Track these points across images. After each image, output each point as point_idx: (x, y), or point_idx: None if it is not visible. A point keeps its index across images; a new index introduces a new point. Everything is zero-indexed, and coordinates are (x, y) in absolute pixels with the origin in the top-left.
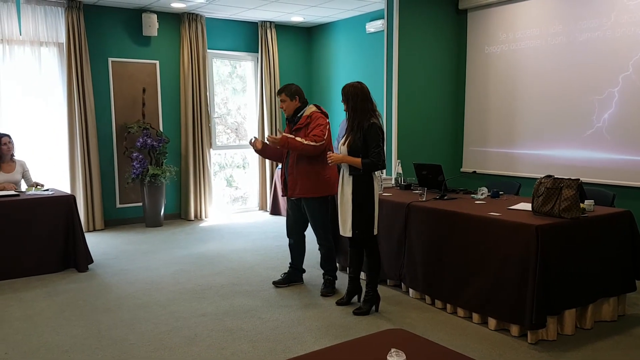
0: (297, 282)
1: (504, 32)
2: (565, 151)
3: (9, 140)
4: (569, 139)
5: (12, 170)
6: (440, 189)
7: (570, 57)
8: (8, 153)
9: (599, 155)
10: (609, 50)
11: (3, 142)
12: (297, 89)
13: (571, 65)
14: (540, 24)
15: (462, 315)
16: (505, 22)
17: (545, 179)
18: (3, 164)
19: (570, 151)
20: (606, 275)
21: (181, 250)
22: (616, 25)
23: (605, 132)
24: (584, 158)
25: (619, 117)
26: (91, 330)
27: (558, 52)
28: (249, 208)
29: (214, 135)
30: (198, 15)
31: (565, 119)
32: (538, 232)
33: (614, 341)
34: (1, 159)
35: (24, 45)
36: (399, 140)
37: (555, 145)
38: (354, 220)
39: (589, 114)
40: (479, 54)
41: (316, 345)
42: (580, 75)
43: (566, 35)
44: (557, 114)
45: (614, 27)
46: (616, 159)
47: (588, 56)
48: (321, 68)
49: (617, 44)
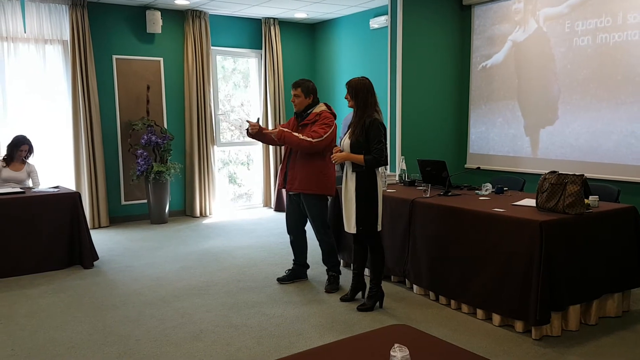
0: (301, 278)
1: (508, 27)
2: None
3: (27, 149)
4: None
5: (19, 169)
6: (444, 185)
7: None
8: (20, 158)
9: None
10: (611, 52)
11: (21, 149)
12: (313, 87)
13: (579, 62)
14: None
15: (466, 311)
16: (510, 17)
17: (549, 175)
18: (13, 163)
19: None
20: (611, 271)
21: (186, 247)
22: (622, 26)
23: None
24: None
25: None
26: (97, 327)
27: (566, 48)
28: (254, 205)
29: (218, 132)
30: (202, 12)
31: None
32: (542, 228)
33: (619, 337)
34: (13, 161)
35: (28, 43)
36: (403, 137)
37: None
38: (358, 216)
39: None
40: (483, 49)
41: (320, 341)
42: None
43: (575, 31)
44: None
45: (623, 28)
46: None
47: (598, 56)
48: (325, 64)
49: (611, 48)
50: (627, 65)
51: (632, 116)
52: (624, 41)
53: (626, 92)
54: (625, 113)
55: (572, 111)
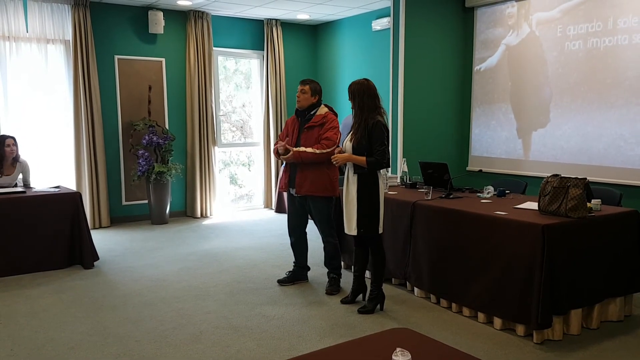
0: (301, 280)
1: (502, 30)
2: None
3: (13, 143)
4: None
5: (12, 172)
6: (446, 188)
7: (582, 55)
8: (10, 155)
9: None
10: (602, 57)
11: (6, 144)
12: (320, 89)
13: (570, 66)
14: (550, 21)
15: (467, 314)
16: (503, 21)
17: (552, 178)
18: (4, 167)
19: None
20: (613, 275)
21: (186, 248)
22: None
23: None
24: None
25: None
26: (96, 327)
27: (558, 52)
28: (254, 206)
29: (219, 133)
30: (204, 13)
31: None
32: (544, 232)
33: (620, 341)
34: (3, 162)
35: (30, 43)
36: (405, 139)
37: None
38: (359, 218)
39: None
40: (486, 51)
41: (321, 343)
42: (596, 76)
43: (567, 35)
44: (565, 110)
45: (613, 33)
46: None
47: (589, 60)
48: (327, 66)
49: (612, 52)
50: (617, 69)
51: (621, 119)
52: (614, 46)
53: (616, 96)
54: (615, 116)
55: (563, 114)
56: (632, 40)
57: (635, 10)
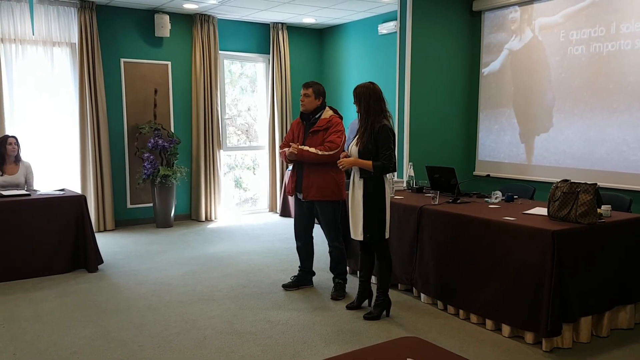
0: (306, 285)
1: (505, 35)
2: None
3: (15, 142)
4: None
5: (15, 172)
6: (453, 193)
7: (585, 60)
8: (12, 154)
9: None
10: (604, 61)
11: (8, 142)
12: (323, 90)
13: (573, 71)
14: (553, 26)
15: (475, 321)
16: (506, 25)
17: (561, 183)
18: (6, 165)
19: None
20: (623, 282)
21: (191, 252)
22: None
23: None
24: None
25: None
26: (100, 332)
27: (561, 57)
28: (259, 209)
29: (225, 137)
30: (210, 17)
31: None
32: (554, 238)
33: (631, 350)
34: (5, 160)
35: (36, 45)
36: (411, 143)
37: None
38: (365, 223)
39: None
40: (489, 55)
41: (326, 349)
42: (598, 81)
43: (569, 40)
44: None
45: (616, 38)
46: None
47: (592, 65)
48: (333, 70)
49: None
50: (620, 74)
51: (624, 124)
52: (617, 51)
53: (618, 101)
54: (617, 121)
55: (566, 119)
56: (634, 46)
57: (638, 16)
